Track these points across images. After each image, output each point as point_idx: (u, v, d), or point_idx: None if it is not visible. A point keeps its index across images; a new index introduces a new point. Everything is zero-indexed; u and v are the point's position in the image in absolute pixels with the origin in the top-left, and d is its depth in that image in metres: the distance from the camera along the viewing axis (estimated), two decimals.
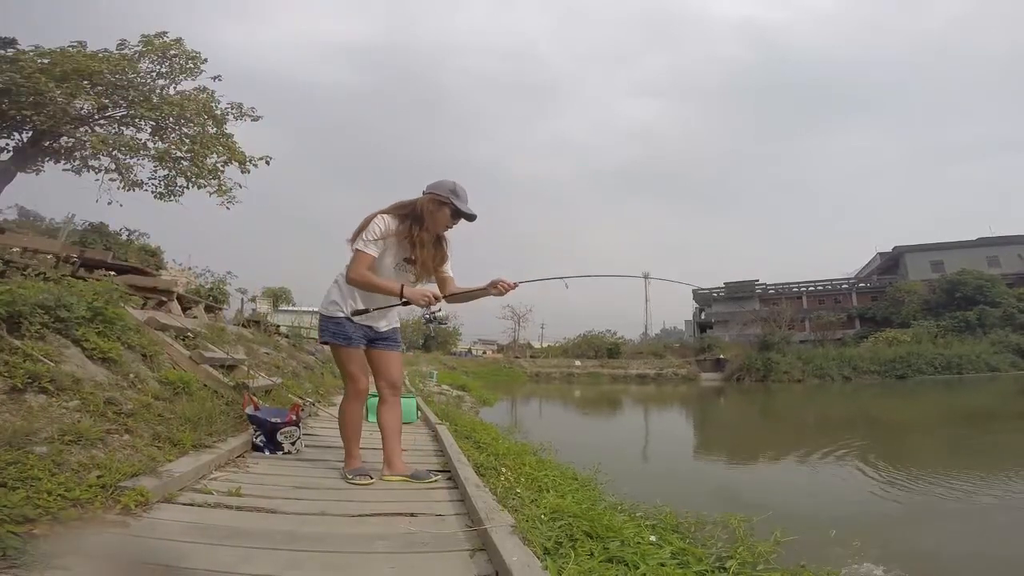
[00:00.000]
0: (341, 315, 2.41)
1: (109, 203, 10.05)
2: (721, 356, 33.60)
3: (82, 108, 9.05)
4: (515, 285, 2.45)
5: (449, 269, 2.61)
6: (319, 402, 4.68)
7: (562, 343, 39.46)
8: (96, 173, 9.85)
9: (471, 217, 2.50)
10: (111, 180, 9.81)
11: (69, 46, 8.91)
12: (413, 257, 2.45)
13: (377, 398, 2.63)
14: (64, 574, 1.31)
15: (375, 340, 2.52)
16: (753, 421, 14.37)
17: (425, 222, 2.42)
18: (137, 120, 9.65)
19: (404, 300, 2.38)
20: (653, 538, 2.33)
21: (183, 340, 4.05)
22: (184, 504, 1.92)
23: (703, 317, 43.43)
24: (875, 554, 3.34)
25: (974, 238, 37.17)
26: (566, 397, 20.16)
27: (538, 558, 1.54)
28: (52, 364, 2.41)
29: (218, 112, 9.97)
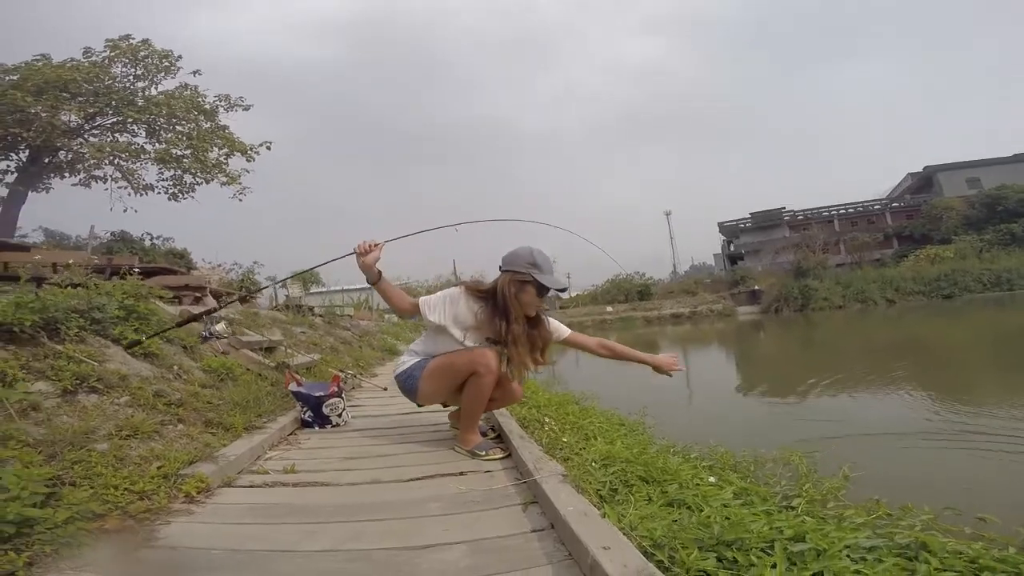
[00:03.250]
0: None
1: (124, 210, 10.51)
2: (756, 287, 32.17)
3: (70, 120, 9.24)
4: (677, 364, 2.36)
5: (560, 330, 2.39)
6: (360, 374, 4.77)
7: (591, 290, 38.89)
8: (104, 183, 10.24)
9: (561, 290, 2.25)
10: (120, 188, 10.18)
11: (33, 60, 8.98)
12: (506, 352, 2.20)
13: None
14: (137, 568, 1.35)
15: None
16: (797, 354, 13.92)
17: (511, 313, 2.11)
18: (129, 125, 9.88)
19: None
20: (712, 479, 2.25)
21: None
22: (243, 486, 1.97)
23: (732, 249, 41.86)
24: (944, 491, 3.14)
25: (1009, 155, 34.86)
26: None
27: (594, 506, 1.51)
28: (96, 364, 2.47)
29: (207, 106, 10.06)
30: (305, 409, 2.90)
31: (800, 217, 39.51)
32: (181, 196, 10.58)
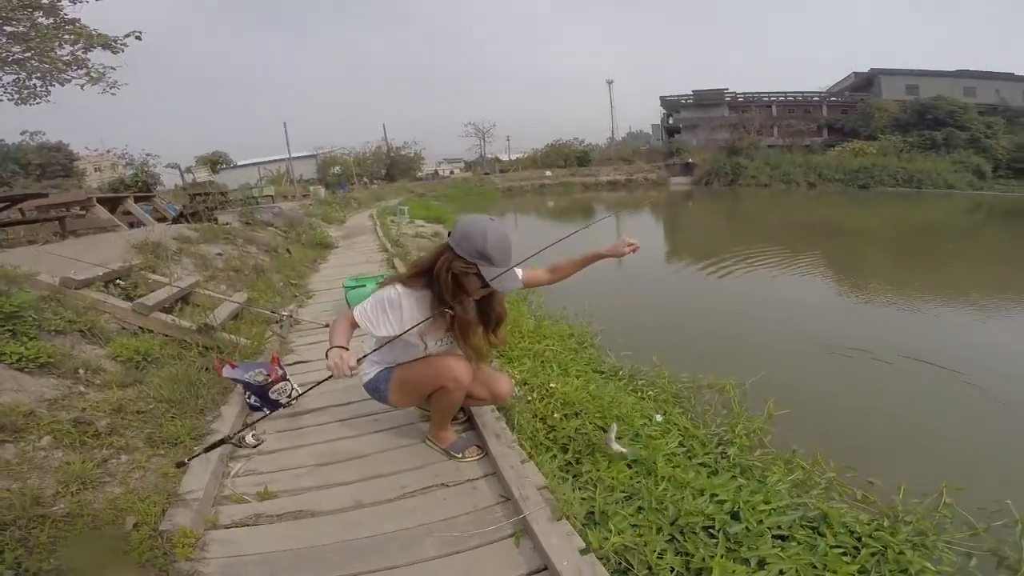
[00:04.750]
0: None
1: None
2: (690, 160, 33.64)
3: None
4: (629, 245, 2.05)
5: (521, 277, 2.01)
6: (298, 308, 4.46)
7: (530, 154, 37.77)
8: None
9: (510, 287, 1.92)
10: None
11: None
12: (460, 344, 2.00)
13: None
14: None
15: None
16: (721, 225, 15.02)
17: (452, 298, 1.85)
18: None
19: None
20: (659, 417, 2.54)
21: (117, 287, 3.57)
22: (229, 526, 1.89)
23: (671, 123, 41.71)
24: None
25: (953, 69, 35.46)
26: (540, 210, 20.17)
27: (578, 533, 1.67)
28: None
29: (44, 1, 7.94)
30: (249, 394, 2.73)
31: (740, 99, 39.76)
32: (32, 101, 8.96)
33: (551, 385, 2.86)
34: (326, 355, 1.84)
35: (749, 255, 8.99)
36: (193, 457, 2.11)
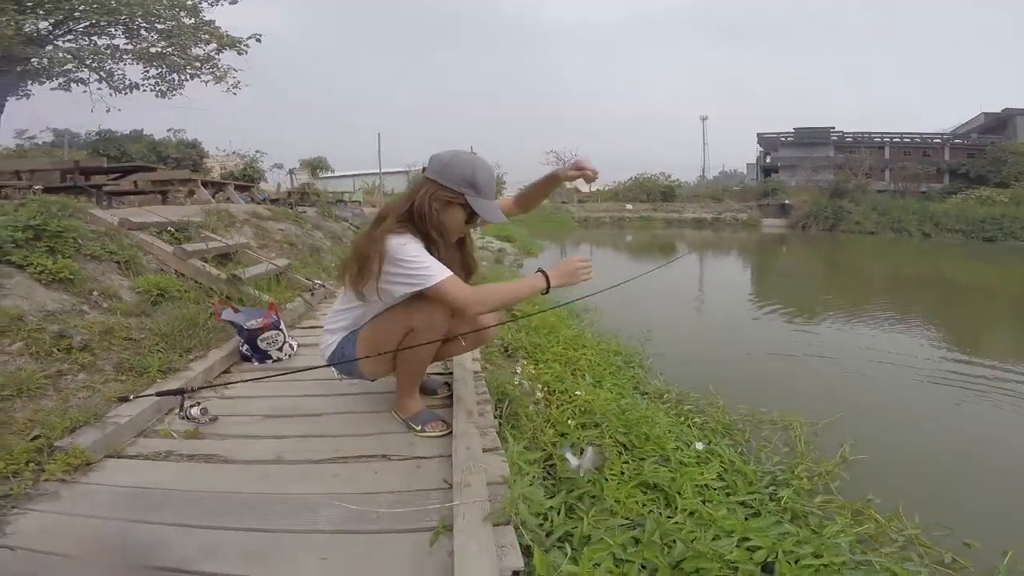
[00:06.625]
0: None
1: (108, 111, 10.61)
2: (786, 201, 30.20)
3: (30, 29, 8.87)
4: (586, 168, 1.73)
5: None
6: (335, 283, 4.36)
7: (612, 186, 36.86)
8: (85, 86, 10.24)
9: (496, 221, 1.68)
10: (99, 89, 10.35)
11: None
12: None
13: None
14: None
15: None
16: (817, 273, 13.18)
17: (431, 234, 1.59)
18: (105, 27, 9.60)
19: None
20: (700, 446, 1.93)
21: (170, 234, 3.69)
22: (130, 457, 1.66)
23: (768, 161, 38.66)
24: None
25: None
26: (617, 244, 19.35)
27: (521, 552, 1.12)
28: None
29: (189, 2, 9.70)
30: (242, 341, 2.53)
31: (848, 139, 36.15)
32: (170, 93, 10.84)
33: (576, 393, 2.40)
34: (547, 284, 1.58)
35: (845, 305, 7.56)
36: (138, 396, 1.89)
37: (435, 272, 1.52)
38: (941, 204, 27.99)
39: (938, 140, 35.94)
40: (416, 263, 1.52)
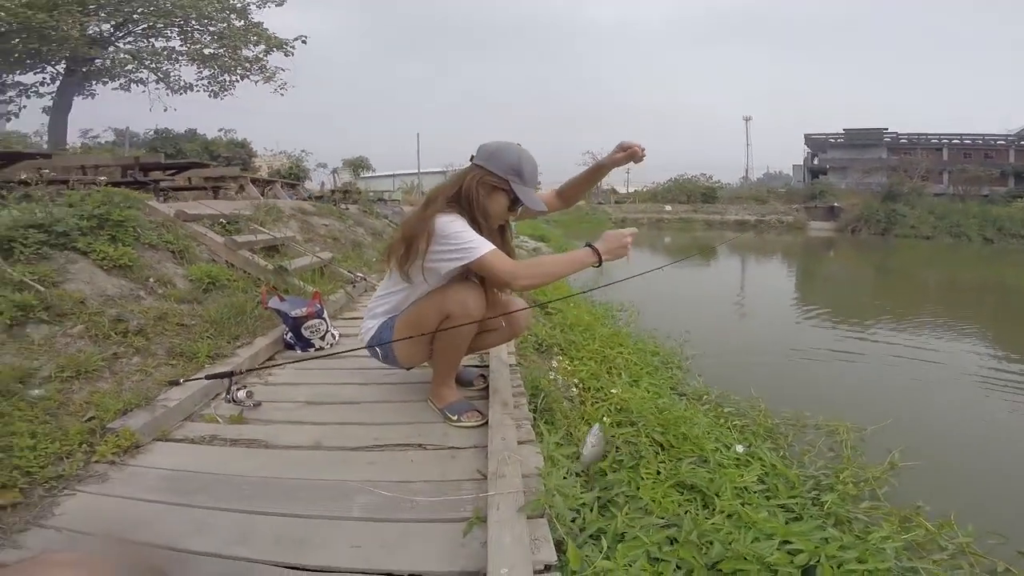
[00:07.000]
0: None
1: (165, 110, 11.47)
2: (835, 204, 28.48)
3: (99, 31, 9.60)
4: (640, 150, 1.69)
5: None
6: (376, 276, 4.43)
7: (651, 187, 35.62)
8: (144, 86, 10.82)
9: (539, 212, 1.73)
10: (157, 89, 10.97)
11: None
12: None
13: None
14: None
15: None
16: (866, 279, 12.33)
17: (478, 219, 1.62)
18: (161, 29, 10.23)
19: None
20: (740, 448, 1.83)
21: (221, 226, 3.84)
22: (177, 440, 1.71)
23: (815, 163, 36.88)
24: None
25: None
26: (655, 245, 18.74)
27: (554, 547, 1.06)
28: (43, 289, 2.21)
29: (239, 5, 10.22)
30: (287, 329, 2.59)
31: (903, 140, 33.92)
32: (222, 93, 11.47)
33: (612, 391, 2.34)
34: (600, 259, 1.54)
35: (898, 310, 7.04)
36: (188, 380, 1.96)
37: (479, 245, 1.53)
38: (1005, 208, 26.07)
39: (1002, 142, 33.29)
40: (462, 238, 1.54)
